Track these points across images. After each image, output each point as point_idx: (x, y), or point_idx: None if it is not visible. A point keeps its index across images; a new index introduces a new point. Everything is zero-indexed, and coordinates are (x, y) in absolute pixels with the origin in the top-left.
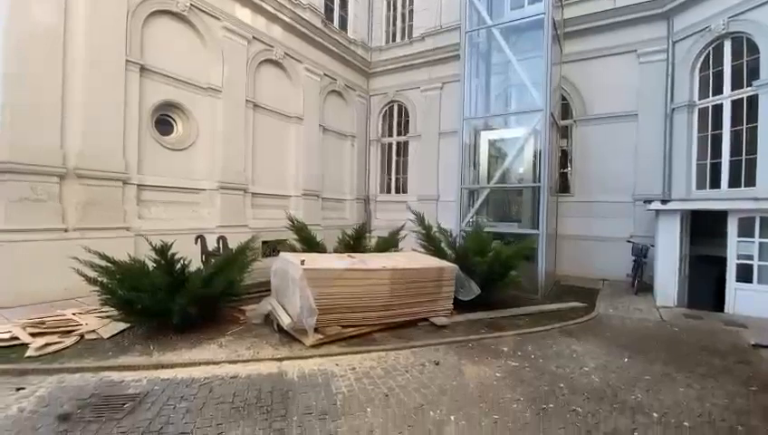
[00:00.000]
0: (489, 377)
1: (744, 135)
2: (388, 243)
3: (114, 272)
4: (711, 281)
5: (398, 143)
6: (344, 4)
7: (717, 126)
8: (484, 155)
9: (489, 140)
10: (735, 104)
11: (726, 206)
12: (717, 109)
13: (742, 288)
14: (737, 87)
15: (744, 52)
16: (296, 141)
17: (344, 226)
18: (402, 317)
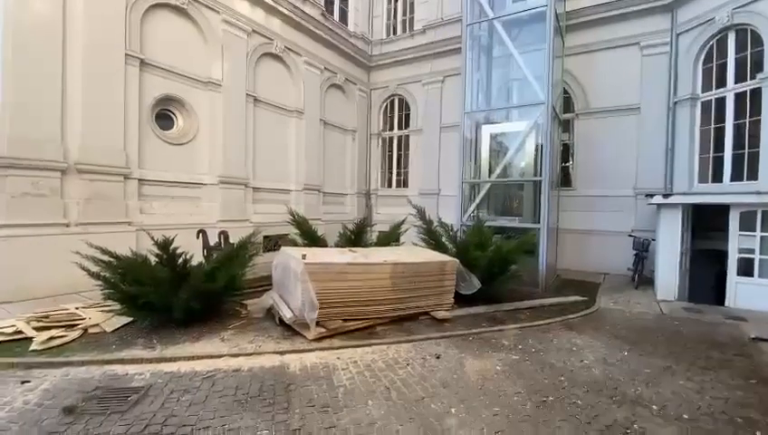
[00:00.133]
0: (490, 370)
1: (747, 128)
2: (390, 237)
3: (117, 266)
4: (711, 275)
5: (399, 137)
6: None
7: (720, 119)
8: (485, 149)
9: (490, 133)
10: (739, 97)
11: (728, 200)
12: (720, 102)
13: (742, 282)
14: (741, 80)
15: (749, 44)
16: (297, 136)
17: (345, 220)
18: (403, 311)
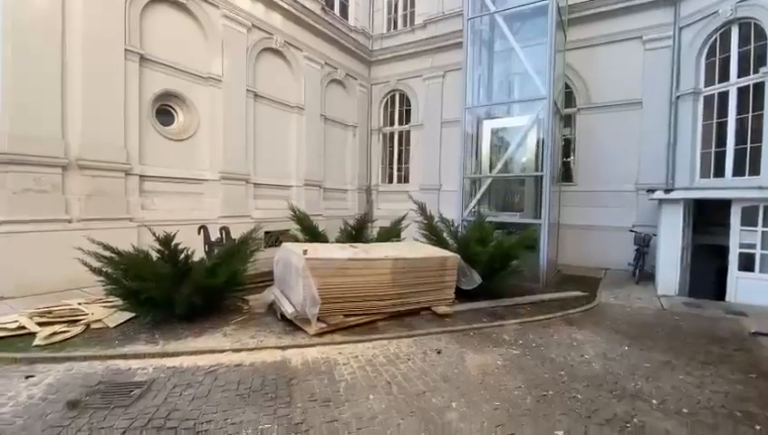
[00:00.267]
0: (490, 365)
1: (750, 123)
2: (391, 233)
3: (118, 262)
4: (712, 270)
5: (399, 132)
6: None
7: (723, 114)
8: (486, 144)
9: (491, 128)
10: (741, 92)
11: (730, 194)
12: (723, 96)
13: (743, 277)
14: (744, 74)
15: (752, 37)
16: (297, 131)
17: (346, 216)
18: (404, 306)
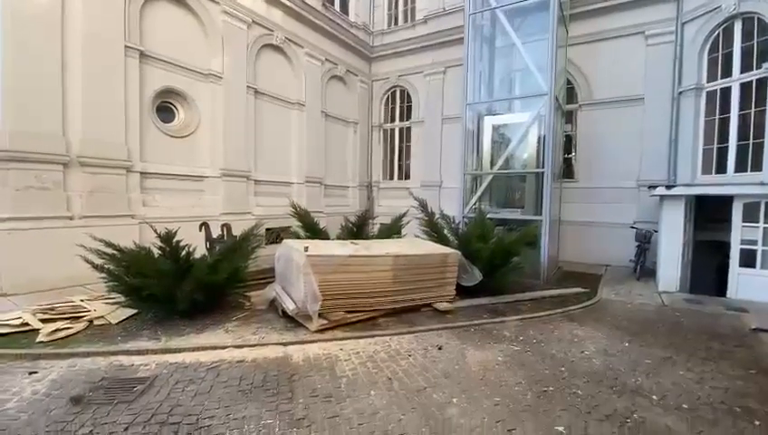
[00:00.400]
0: (491, 361)
1: (752, 119)
2: (392, 229)
3: (120, 259)
4: (713, 266)
5: (400, 129)
6: None
7: (725, 110)
8: (487, 141)
9: (493, 125)
10: (744, 87)
11: (732, 191)
12: (725, 92)
13: (744, 273)
14: (747, 69)
15: (755, 32)
16: (298, 128)
17: (347, 212)
18: (405, 303)
